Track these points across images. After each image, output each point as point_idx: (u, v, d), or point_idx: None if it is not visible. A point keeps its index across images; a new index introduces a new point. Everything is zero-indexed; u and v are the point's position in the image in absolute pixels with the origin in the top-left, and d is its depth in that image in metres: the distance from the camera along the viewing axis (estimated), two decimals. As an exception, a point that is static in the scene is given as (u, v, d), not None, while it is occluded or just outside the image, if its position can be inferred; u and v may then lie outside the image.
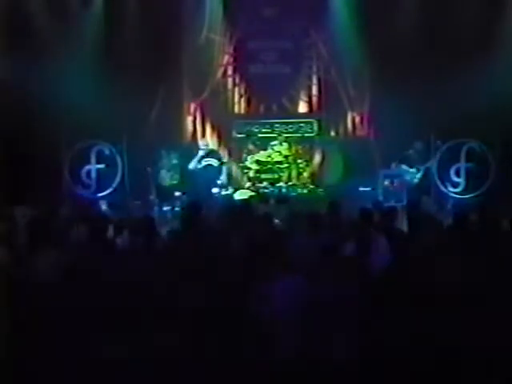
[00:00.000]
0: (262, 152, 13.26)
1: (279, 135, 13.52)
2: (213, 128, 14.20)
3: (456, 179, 13.12)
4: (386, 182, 12.78)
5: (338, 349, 4.81)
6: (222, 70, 14.13)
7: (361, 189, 12.73)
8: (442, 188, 12.81)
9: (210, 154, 13.08)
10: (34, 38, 12.81)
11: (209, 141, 13.71)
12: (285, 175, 13.02)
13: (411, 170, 12.52)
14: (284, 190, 12.69)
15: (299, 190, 12.92)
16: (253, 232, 6.33)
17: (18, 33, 12.65)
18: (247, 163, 13.34)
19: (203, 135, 14.15)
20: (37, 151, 12.76)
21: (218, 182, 12.88)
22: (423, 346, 4.75)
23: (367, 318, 4.88)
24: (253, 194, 12.76)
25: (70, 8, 13.12)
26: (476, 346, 4.70)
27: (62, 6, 13.02)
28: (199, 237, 6.19)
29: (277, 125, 14.02)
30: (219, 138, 14.20)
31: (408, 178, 12.48)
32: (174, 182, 12.91)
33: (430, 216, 7.87)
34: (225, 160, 13.37)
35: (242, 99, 14.28)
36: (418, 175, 12.54)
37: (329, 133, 14.12)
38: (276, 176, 13.00)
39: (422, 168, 12.53)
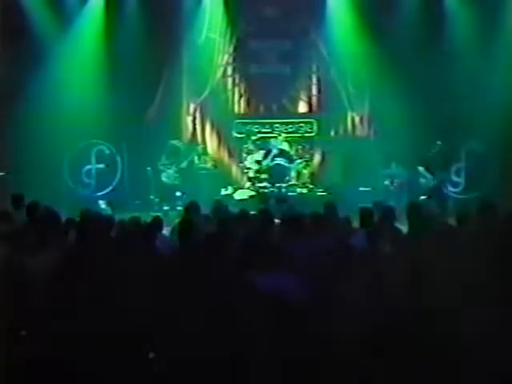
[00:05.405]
0: (261, 152, 13.24)
1: (279, 135, 13.52)
2: (213, 128, 14.20)
3: (456, 179, 13.13)
4: (386, 182, 12.79)
5: None
6: (221, 69, 14.13)
7: (361, 189, 12.73)
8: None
9: (281, 153, 13.07)
10: (34, 38, 12.80)
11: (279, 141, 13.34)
12: (284, 175, 12.99)
13: (428, 174, 11.30)
14: (284, 190, 12.67)
15: (299, 190, 12.92)
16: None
17: (17, 32, 12.67)
18: (247, 163, 13.34)
19: (203, 135, 14.16)
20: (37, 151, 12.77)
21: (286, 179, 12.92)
22: None
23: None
24: (253, 193, 12.77)
25: (68, 7, 13.12)
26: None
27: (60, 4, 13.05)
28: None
29: (277, 125, 14.02)
30: (219, 137, 14.21)
31: (423, 182, 11.44)
32: (175, 183, 12.89)
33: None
34: (297, 160, 13.25)
35: (242, 99, 14.28)
36: (435, 181, 11.29)
37: (329, 133, 14.12)
38: (276, 176, 12.96)
39: (441, 174, 11.34)
